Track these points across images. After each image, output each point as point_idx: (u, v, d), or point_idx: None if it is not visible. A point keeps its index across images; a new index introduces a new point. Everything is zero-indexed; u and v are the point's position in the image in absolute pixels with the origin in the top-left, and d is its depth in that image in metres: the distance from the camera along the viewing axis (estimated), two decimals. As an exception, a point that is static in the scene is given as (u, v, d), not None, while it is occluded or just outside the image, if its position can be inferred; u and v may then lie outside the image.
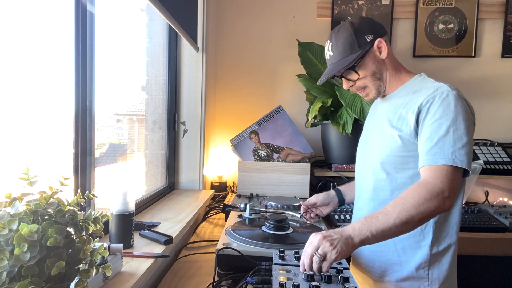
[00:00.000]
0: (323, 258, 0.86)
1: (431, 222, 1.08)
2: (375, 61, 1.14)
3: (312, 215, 1.39)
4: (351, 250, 0.89)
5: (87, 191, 0.80)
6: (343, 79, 1.20)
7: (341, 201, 1.37)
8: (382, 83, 1.17)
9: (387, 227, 0.91)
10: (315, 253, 0.86)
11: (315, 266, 0.86)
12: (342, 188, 1.40)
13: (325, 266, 0.86)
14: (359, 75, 1.16)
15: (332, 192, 1.39)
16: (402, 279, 1.12)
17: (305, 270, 0.87)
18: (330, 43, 1.18)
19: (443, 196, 0.94)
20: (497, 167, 2.06)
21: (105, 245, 0.78)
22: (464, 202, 2.06)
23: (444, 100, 1.02)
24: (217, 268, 1.06)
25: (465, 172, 1.00)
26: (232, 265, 1.07)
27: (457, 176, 0.97)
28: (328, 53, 1.20)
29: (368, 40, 1.12)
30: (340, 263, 0.95)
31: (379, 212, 0.94)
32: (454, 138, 0.98)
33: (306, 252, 0.88)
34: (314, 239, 0.89)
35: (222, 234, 1.21)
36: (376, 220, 0.92)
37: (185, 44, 2.01)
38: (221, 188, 2.23)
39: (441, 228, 1.09)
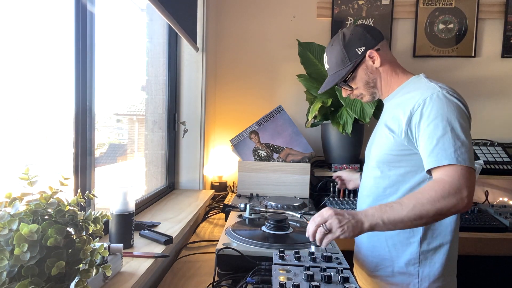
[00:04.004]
0: (328, 231, 0.93)
1: None
2: (367, 71, 1.19)
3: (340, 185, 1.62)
4: (357, 233, 0.94)
5: (87, 191, 0.80)
6: (341, 88, 1.27)
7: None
8: (376, 90, 1.23)
9: (399, 218, 0.93)
10: (322, 225, 0.93)
11: (318, 235, 0.94)
12: None
13: (327, 240, 0.94)
14: (352, 87, 1.22)
15: (357, 173, 1.53)
16: (393, 274, 1.14)
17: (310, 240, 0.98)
18: (326, 57, 1.26)
19: (461, 195, 0.93)
20: (497, 167, 2.06)
21: (105, 245, 0.78)
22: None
23: (436, 101, 1.03)
24: (217, 268, 1.06)
25: None
26: (232, 265, 1.07)
27: (472, 175, 0.97)
28: (325, 65, 1.28)
29: (360, 53, 1.17)
30: (340, 263, 0.95)
31: (395, 202, 0.96)
32: (453, 137, 0.98)
33: (314, 220, 0.96)
34: (326, 212, 0.95)
35: (222, 234, 1.21)
36: (391, 209, 0.94)
37: (185, 44, 2.01)
38: (221, 188, 2.23)
39: (432, 226, 1.10)
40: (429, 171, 1.02)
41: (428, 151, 1.01)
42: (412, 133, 1.07)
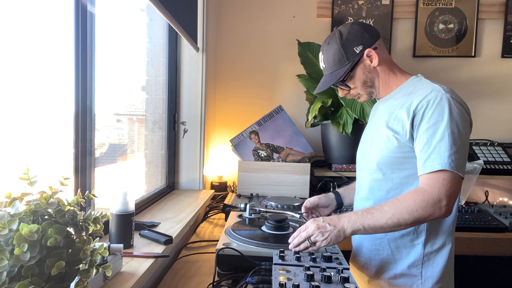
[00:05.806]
0: (313, 244, 1.01)
1: None
2: (365, 70, 1.17)
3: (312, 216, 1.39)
4: (341, 239, 1.01)
5: (87, 191, 0.80)
6: (338, 88, 1.24)
7: (340, 204, 1.38)
8: (373, 89, 1.21)
9: (379, 225, 0.99)
10: (308, 239, 1.01)
11: (302, 246, 1.01)
12: (341, 191, 1.41)
13: (311, 249, 1.01)
14: (350, 87, 1.20)
15: (331, 194, 1.40)
16: (396, 277, 1.13)
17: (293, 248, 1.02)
18: (322, 56, 1.22)
19: (440, 205, 0.97)
20: (497, 167, 2.06)
21: (105, 245, 0.78)
22: (463, 202, 2.06)
23: (439, 104, 1.02)
24: (217, 268, 1.06)
25: None
26: (232, 265, 1.07)
27: (455, 182, 0.98)
28: (321, 64, 1.24)
29: (357, 52, 1.14)
30: (340, 263, 0.95)
31: (376, 209, 1.01)
32: (450, 142, 0.98)
33: (300, 236, 1.02)
34: (310, 227, 1.02)
35: (222, 234, 1.21)
36: (371, 216, 1.00)
37: (185, 44, 2.01)
38: (221, 188, 2.23)
39: (435, 228, 1.10)
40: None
41: (425, 156, 1.01)
42: (413, 134, 1.07)
